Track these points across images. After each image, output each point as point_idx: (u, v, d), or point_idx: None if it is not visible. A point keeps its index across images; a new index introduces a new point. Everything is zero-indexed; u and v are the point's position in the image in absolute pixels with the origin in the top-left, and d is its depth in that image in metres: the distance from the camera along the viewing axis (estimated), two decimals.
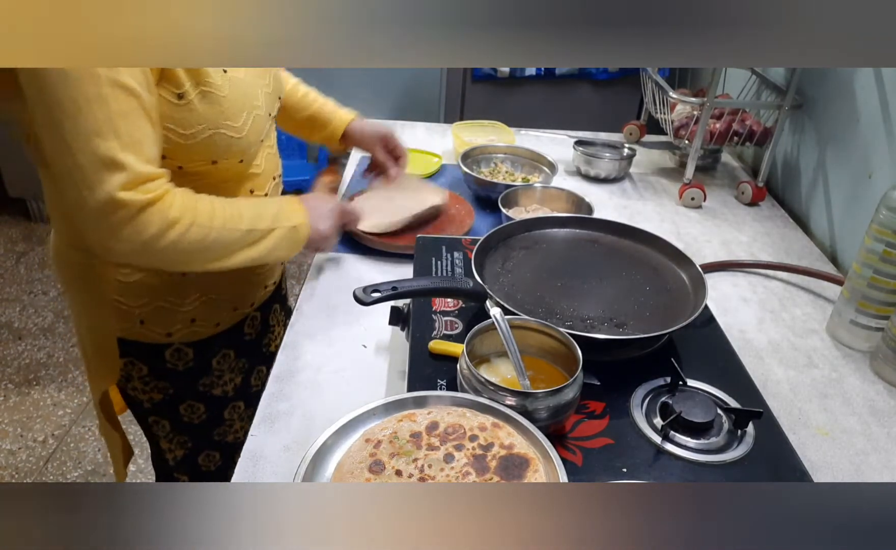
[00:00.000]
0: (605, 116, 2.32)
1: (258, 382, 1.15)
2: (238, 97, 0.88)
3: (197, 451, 1.13)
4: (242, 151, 0.92)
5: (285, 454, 0.82)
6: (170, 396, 1.06)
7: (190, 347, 1.03)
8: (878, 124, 1.26)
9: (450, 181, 1.52)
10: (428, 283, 0.93)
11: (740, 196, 1.57)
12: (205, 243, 0.84)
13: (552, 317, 0.88)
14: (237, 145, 0.90)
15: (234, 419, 1.14)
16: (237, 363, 1.10)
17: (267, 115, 0.97)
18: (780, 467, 0.73)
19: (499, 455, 0.63)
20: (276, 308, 1.20)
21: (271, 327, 1.19)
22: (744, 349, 1.04)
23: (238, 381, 1.11)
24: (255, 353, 1.15)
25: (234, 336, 1.08)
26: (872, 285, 1.01)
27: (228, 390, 1.10)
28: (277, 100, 1.03)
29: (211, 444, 1.13)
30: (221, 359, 1.07)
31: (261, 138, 0.96)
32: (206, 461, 1.15)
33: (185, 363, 1.04)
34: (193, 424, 1.09)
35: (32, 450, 2.10)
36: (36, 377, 2.37)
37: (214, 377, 1.07)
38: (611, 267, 1.01)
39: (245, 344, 1.11)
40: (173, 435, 1.10)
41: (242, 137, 0.90)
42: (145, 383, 1.04)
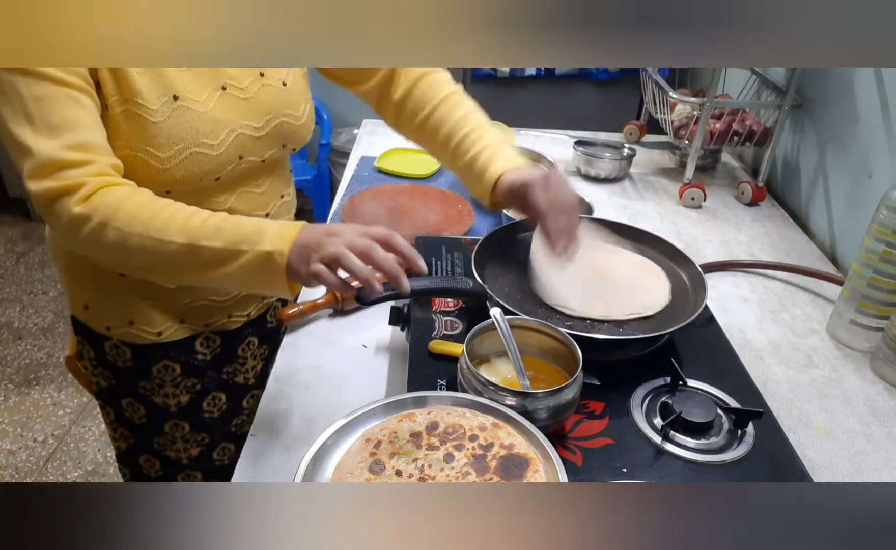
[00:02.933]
0: (605, 116, 2.31)
1: (213, 409, 1.07)
2: (175, 128, 0.81)
3: (138, 450, 1.09)
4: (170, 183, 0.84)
5: (285, 454, 0.82)
6: (113, 386, 1.03)
7: (128, 347, 0.98)
8: (878, 124, 1.26)
9: (450, 181, 1.52)
10: (428, 283, 0.93)
11: (740, 196, 1.57)
12: (125, 246, 0.75)
13: (552, 317, 0.88)
14: (161, 176, 0.82)
15: (175, 437, 1.06)
16: (183, 380, 1.03)
17: (238, 159, 0.88)
18: (780, 467, 0.73)
19: (499, 455, 0.63)
20: (253, 342, 1.09)
21: (239, 358, 1.08)
22: (744, 349, 1.04)
23: (184, 399, 1.04)
24: (211, 378, 1.05)
25: (182, 351, 1.01)
26: (872, 285, 1.01)
27: (170, 403, 1.04)
28: (280, 148, 0.94)
29: (151, 450, 1.08)
30: (163, 369, 1.01)
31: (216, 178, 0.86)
32: (146, 465, 1.10)
33: (123, 360, 1.00)
34: (134, 422, 1.05)
35: (32, 450, 2.10)
36: (36, 377, 2.37)
37: (154, 383, 1.02)
38: None
39: (195, 364, 1.03)
40: (117, 425, 1.08)
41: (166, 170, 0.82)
42: (94, 366, 1.03)
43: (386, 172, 1.56)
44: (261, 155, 0.92)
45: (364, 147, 1.74)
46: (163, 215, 0.76)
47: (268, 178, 0.98)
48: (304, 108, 0.97)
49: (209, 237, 0.75)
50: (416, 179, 1.53)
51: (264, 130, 0.91)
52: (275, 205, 1.01)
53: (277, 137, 0.93)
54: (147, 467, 1.11)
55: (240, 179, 0.92)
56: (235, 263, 0.74)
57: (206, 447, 1.10)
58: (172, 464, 1.10)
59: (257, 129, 0.90)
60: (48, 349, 2.50)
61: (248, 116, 0.88)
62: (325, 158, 3.12)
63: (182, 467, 1.10)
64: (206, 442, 1.09)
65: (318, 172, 3.09)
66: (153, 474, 1.11)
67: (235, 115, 0.87)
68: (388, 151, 1.64)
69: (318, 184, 3.10)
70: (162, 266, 0.78)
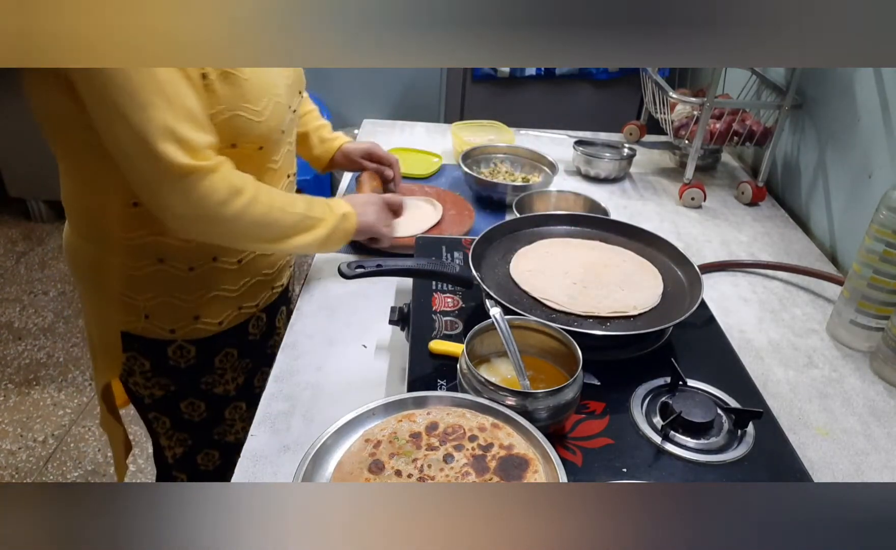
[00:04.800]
0: (605, 116, 2.32)
1: (261, 383, 1.14)
2: (259, 82, 0.90)
3: (196, 450, 1.13)
4: (262, 137, 0.93)
5: (285, 454, 0.82)
6: (171, 393, 1.06)
7: (193, 344, 1.03)
8: (878, 124, 1.26)
9: (450, 181, 1.53)
10: (413, 264, 0.94)
11: (740, 196, 1.57)
12: (266, 219, 0.90)
13: (536, 309, 0.89)
14: (257, 130, 0.91)
15: (234, 419, 1.14)
16: (240, 363, 1.10)
17: (287, 106, 0.98)
18: (780, 467, 0.73)
19: (498, 456, 0.63)
20: (283, 311, 1.21)
21: (276, 329, 1.19)
22: (744, 349, 1.04)
23: (240, 381, 1.12)
24: (259, 354, 1.15)
25: (238, 336, 1.08)
26: (872, 285, 1.01)
27: (230, 389, 1.10)
28: (298, 95, 1.04)
29: (210, 443, 1.14)
30: (224, 358, 1.07)
31: (281, 129, 0.97)
32: (204, 461, 1.15)
33: (186, 360, 1.04)
34: (193, 421, 1.10)
35: (32, 450, 2.10)
36: (36, 377, 2.37)
37: (216, 375, 1.07)
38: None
39: (249, 344, 1.11)
40: (173, 432, 1.11)
41: (262, 122, 0.91)
42: (147, 378, 1.05)
43: None
44: (292, 103, 1.02)
45: None
46: (280, 191, 0.94)
47: (291, 134, 1.05)
48: None
49: (309, 206, 0.96)
50: (416, 179, 1.53)
51: (291, 77, 1.01)
52: (293, 167, 1.09)
53: (296, 81, 1.03)
54: (205, 462, 1.15)
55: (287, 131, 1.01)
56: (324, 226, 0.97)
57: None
58: (231, 449, 1.14)
59: (287, 76, 0.99)
60: (48, 349, 2.50)
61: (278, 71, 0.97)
62: None
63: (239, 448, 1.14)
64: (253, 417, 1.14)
65: (318, 172, 3.09)
66: (212, 468, 1.16)
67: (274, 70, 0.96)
68: (388, 151, 1.63)
69: (318, 184, 3.09)
70: (286, 236, 0.94)
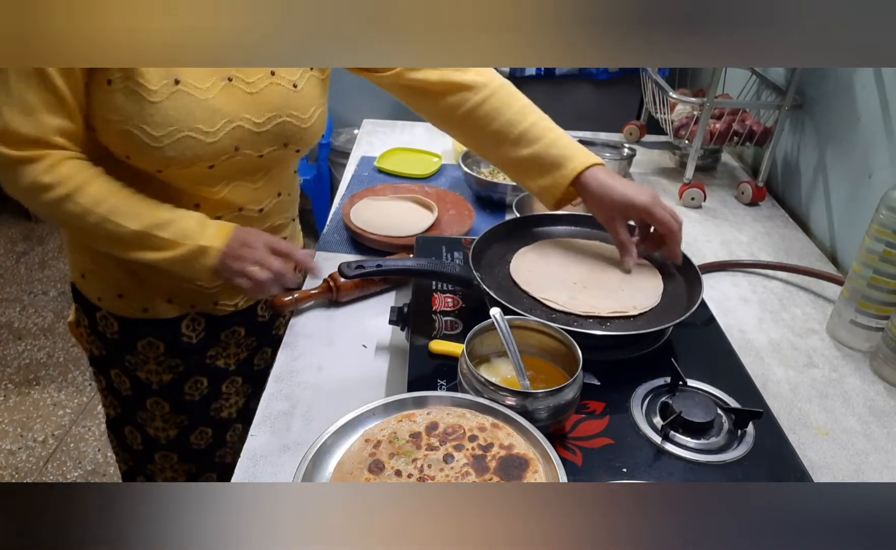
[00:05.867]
0: (605, 116, 2.31)
1: (195, 392, 1.10)
2: (172, 110, 0.83)
3: (123, 420, 1.13)
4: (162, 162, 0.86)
5: (285, 454, 0.82)
6: (103, 356, 1.07)
7: (116, 319, 1.03)
8: (878, 124, 1.26)
9: (450, 181, 1.53)
10: (413, 264, 0.94)
11: (740, 196, 1.57)
12: (84, 221, 0.85)
13: (536, 309, 0.89)
14: (154, 153, 0.84)
15: (155, 415, 1.10)
16: (166, 359, 1.06)
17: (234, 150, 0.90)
18: (780, 467, 0.73)
19: (498, 456, 0.63)
20: (239, 331, 1.12)
21: (222, 342, 1.11)
22: (744, 349, 1.04)
23: (166, 378, 1.07)
24: (194, 360, 1.08)
25: (166, 331, 1.04)
26: (872, 285, 1.01)
27: (153, 381, 1.07)
28: (282, 146, 0.95)
29: (134, 423, 1.12)
30: (147, 346, 1.04)
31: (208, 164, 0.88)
32: (130, 435, 1.14)
33: (111, 332, 1.04)
34: (121, 393, 1.10)
35: (32, 450, 2.10)
36: (36, 377, 2.37)
37: (139, 359, 1.05)
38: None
39: (179, 346, 1.06)
40: (107, 393, 1.13)
41: (161, 148, 0.84)
42: (88, 334, 1.07)
43: (386, 172, 1.56)
44: (259, 150, 0.93)
45: (364, 147, 1.74)
46: (125, 204, 0.86)
47: (265, 175, 0.99)
48: (314, 111, 0.97)
49: (162, 226, 0.87)
50: (416, 179, 1.53)
51: (265, 126, 0.92)
52: (270, 202, 1.02)
53: (279, 135, 0.94)
54: (131, 439, 1.15)
55: (235, 171, 0.94)
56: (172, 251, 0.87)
57: (185, 430, 1.12)
58: (152, 442, 1.13)
59: (258, 124, 0.91)
60: (48, 349, 2.50)
61: (250, 110, 0.90)
62: (325, 158, 3.12)
63: (160, 446, 1.13)
64: (185, 424, 1.12)
65: (318, 172, 3.09)
66: (135, 446, 1.15)
67: (237, 107, 0.88)
68: (388, 151, 1.64)
69: (318, 184, 3.10)
70: (122, 247, 0.88)
